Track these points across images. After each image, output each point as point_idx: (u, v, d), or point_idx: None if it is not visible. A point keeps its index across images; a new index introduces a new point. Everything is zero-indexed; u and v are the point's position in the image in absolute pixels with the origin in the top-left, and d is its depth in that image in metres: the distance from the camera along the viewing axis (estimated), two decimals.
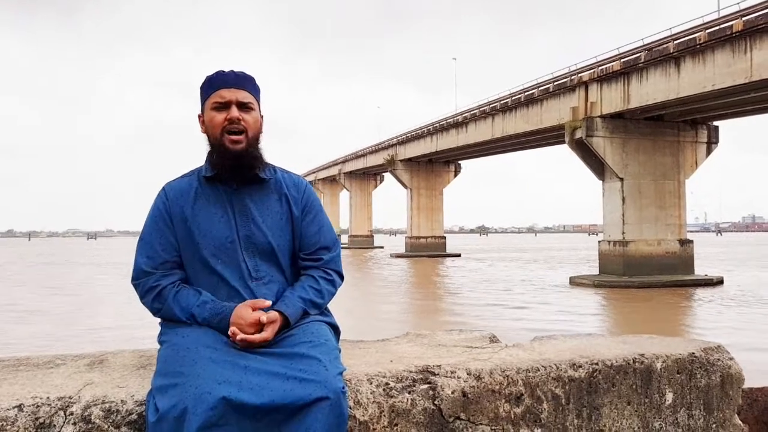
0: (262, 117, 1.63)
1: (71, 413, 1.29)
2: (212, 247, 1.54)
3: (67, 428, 1.27)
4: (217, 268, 1.54)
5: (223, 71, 1.59)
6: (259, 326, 1.40)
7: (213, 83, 1.57)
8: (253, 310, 1.43)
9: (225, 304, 1.48)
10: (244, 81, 1.58)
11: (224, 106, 1.55)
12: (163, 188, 1.61)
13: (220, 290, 1.53)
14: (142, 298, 1.55)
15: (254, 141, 1.58)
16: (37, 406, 1.28)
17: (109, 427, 1.29)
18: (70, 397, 1.32)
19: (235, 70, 1.60)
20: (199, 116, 1.62)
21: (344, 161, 58.59)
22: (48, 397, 1.31)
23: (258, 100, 1.62)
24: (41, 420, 1.27)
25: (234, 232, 1.55)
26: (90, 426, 1.28)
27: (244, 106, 1.56)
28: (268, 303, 1.45)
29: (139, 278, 1.55)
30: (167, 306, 1.51)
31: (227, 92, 1.55)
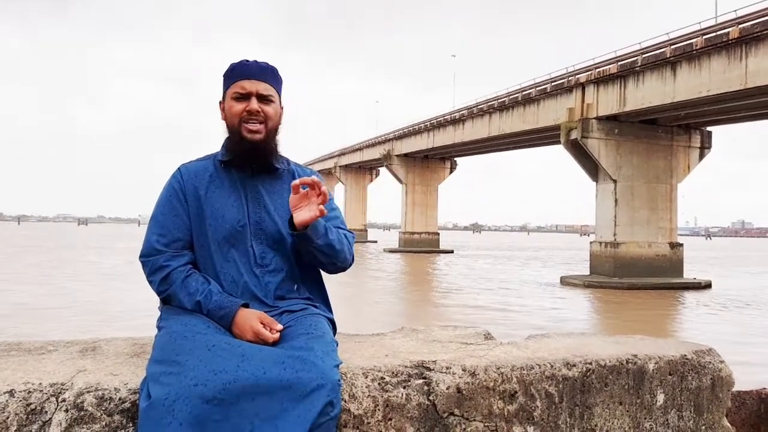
0: (282, 108, 1.65)
1: (63, 400, 1.27)
2: (223, 229, 1.55)
3: (59, 415, 1.26)
4: (224, 251, 1.55)
5: (247, 61, 1.61)
6: (260, 337, 1.40)
7: (235, 73, 1.59)
8: (261, 322, 1.42)
9: (232, 299, 1.48)
10: (266, 73, 1.60)
11: (244, 97, 1.57)
12: (178, 169, 1.63)
13: (225, 273, 1.54)
14: (149, 276, 1.55)
15: (273, 132, 1.61)
16: (29, 392, 1.27)
17: (101, 414, 1.28)
18: (62, 384, 1.30)
19: (259, 60, 1.62)
20: (220, 103, 1.64)
21: (340, 154, 58.49)
22: (40, 384, 1.30)
23: (279, 92, 1.64)
24: (33, 406, 1.25)
25: (245, 217, 1.57)
26: (83, 413, 1.27)
27: (264, 99, 1.59)
28: (280, 327, 1.44)
29: (149, 255, 1.54)
30: (173, 290, 1.50)
31: (248, 83, 1.57)
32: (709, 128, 24.68)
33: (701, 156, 24.45)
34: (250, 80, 1.57)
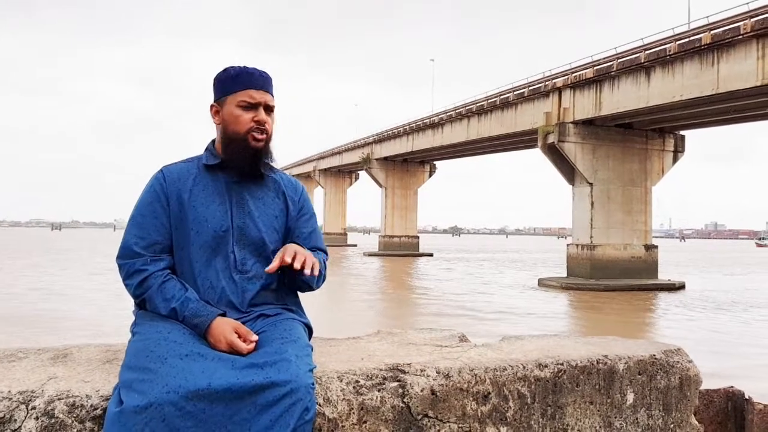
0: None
1: (33, 407, 1.26)
2: (205, 234, 1.53)
3: (29, 423, 1.24)
4: (204, 256, 1.53)
5: (248, 69, 1.61)
6: (234, 348, 1.37)
7: (240, 81, 1.59)
8: (236, 332, 1.39)
9: (208, 308, 1.45)
10: (268, 83, 1.62)
11: (253, 106, 1.58)
12: (161, 170, 1.61)
13: (204, 278, 1.53)
14: (125, 279, 1.52)
15: (269, 141, 1.63)
16: None
17: (73, 421, 1.27)
18: (32, 392, 1.29)
19: (258, 68, 1.63)
20: (212, 106, 1.63)
21: (319, 158, 58.33)
22: (9, 391, 1.28)
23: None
24: (1, 414, 1.24)
25: (228, 222, 1.56)
26: (53, 421, 1.25)
27: (268, 109, 1.61)
28: (255, 338, 1.41)
29: (126, 258, 1.52)
30: (149, 295, 1.49)
31: (257, 94, 1.58)
32: (682, 132, 25.24)
33: (675, 159, 24.97)
34: (258, 90, 1.58)
